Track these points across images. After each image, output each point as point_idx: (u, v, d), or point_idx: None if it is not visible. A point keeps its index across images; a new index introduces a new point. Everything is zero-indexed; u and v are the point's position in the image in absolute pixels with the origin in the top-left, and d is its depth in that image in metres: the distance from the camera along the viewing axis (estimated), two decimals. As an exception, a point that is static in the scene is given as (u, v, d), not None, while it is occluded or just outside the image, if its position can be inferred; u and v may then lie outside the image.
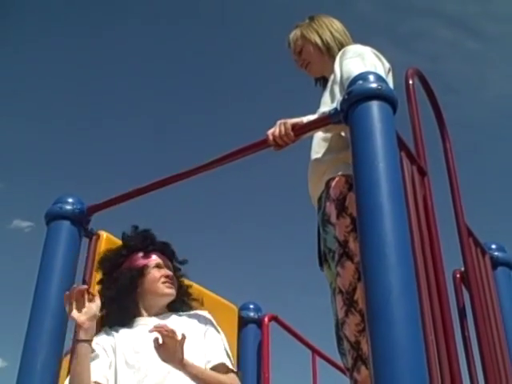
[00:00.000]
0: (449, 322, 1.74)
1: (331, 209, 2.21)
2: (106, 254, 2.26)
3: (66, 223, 2.22)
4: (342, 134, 2.21)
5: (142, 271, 2.21)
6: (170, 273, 2.25)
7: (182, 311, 2.27)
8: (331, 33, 2.52)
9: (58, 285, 2.12)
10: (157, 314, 2.20)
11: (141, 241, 2.28)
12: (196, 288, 2.53)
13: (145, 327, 2.08)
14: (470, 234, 2.33)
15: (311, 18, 2.58)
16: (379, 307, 1.45)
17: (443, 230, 1.93)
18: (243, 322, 2.87)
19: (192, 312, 2.27)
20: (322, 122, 1.97)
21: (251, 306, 2.93)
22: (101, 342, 2.09)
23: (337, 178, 2.22)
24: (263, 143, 2.07)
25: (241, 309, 2.91)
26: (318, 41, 2.52)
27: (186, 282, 2.39)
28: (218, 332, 2.21)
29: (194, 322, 2.20)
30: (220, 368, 2.07)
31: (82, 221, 2.25)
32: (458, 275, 2.39)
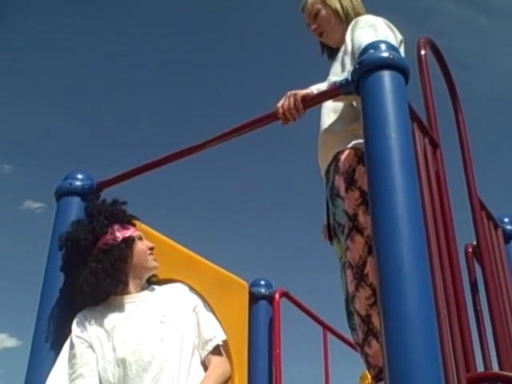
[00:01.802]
0: (461, 295, 1.72)
1: (340, 182, 2.19)
2: (80, 227, 2.09)
3: (76, 199, 2.21)
4: (354, 103, 2.18)
5: (130, 242, 2.11)
6: (152, 244, 2.18)
7: (153, 282, 2.20)
8: (351, 1, 2.46)
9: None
10: (141, 290, 2.13)
11: (119, 212, 2.18)
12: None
13: (133, 305, 2.06)
14: (483, 207, 2.31)
15: None
16: (391, 279, 1.43)
17: (455, 204, 1.91)
18: (254, 299, 2.86)
19: (170, 285, 2.21)
20: (333, 93, 1.93)
21: (262, 283, 2.91)
22: (85, 336, 1.99)
23: (346, 151, 2.20)
24: (272, 116, 2.04)
25: (251, 285, 2.90)
26: (339, 7, 2.44)
27: None
28: (204, 305, 2.20)
29: (180, 296, 2.15)
30: (214, 351, 2.06)
31: (92, 197, 2.23)
32: (470, 249, 2.38)
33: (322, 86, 2.14)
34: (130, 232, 2.14)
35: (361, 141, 2.14)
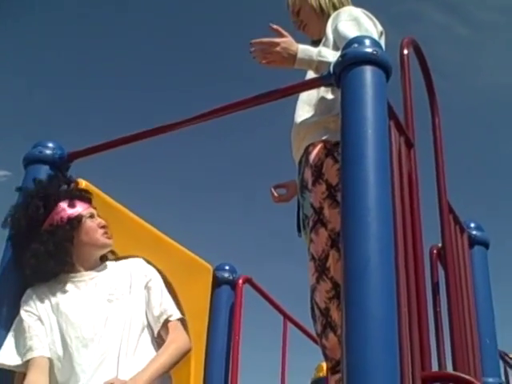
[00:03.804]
0: (423, 295, 1.74)
1: (308, 175, 2.21)
2: (25, 206, 2.04)
3: (45, 168, 2.17)
4: (327, 96, 2.20)
5: (77, 221, 2.03)
6: (105, 222, 2.10)
7: (109, 259, 2.16)
8: None
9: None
10: (92, 268, 2.07)
11: (64, 189, 2.11)
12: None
13: (83, 284, 2.02)
14: (451, 210, 2.33)
15: None
16: (356, 275, 1.44)
17: (424, 205, 1.92)
18: (217, 283, 2.86)
19: (125, 261, 2.16)
20: (314, 84, 1.94)
21: (226, 267, 2.92)
22: (33, 310, 1.97)
23: (316, 144, 2.22)
24: (245, 102, 2.02)
25: (216, 269, 2.90)
26: (314, 2, 2.51)
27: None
28: (158, 279, 2.13)
29: (132, 272, 2.10)
30: (168, 325, 2.01)
31: (61, 167, 2.19)
32: (434, 251, 2.40)
33: (310, 52, 2.19)
34: (78, 210, 2.06)
35: (331, 134, 2.17)
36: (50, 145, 2.22)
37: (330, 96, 2.21)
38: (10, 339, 1.94)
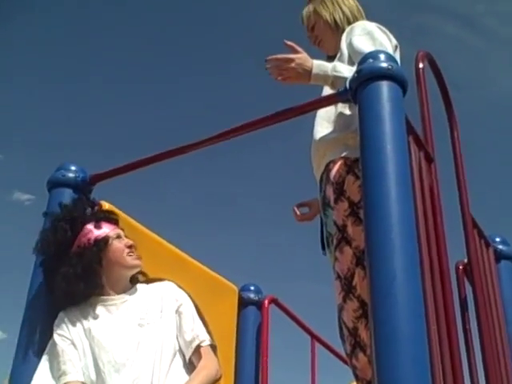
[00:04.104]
0: (451, 312, 1.71)
1: (330, 192, 2.19)
2: (53, 231, 2.04)
3: (68, 191, 2.19)
4: (346, 111, 2.19)
5: (104, 243, 2.04)
6: (132, 242, 2.10)
7: (140, 281, 2.15)
8: (341, 9, 2.50)
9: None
10: (123, 290, 2.07)
11: (89, 211, 2.12)
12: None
13: (114, 308, 2.02)
14: (475, 225, 2.29)
15: None
16: (382, 292, 1.43)
17: (447, 220, 1.89)
18: (243, 304, 2.85)
19: (156, 284, 2.15)
20: (331, 100, 1.93)
21: (252, 288, 2.90)
22: (66, 334, 1.97)
23: (336, 161, 2.20)
24: (269, 119, 2.02)
25: (241, 290, 2.89)
26: (328, 18, 2.49)
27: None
28: (189, 303, 2.12)
29: (163, 296, 2.09)
30: (200, 351, 2.00)
31: (84, 189, 2.21)
32: (460, 267, 2.36)
33: (325, 67, 2.17)
34: (105, 231, 2.07)
35: (350, 150, 2.15)
36: (73, 168, 2.24)
37: (348, 112, 2.20)
38: (44, 363, 1.95)
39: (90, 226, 2.07)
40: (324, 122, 2.31)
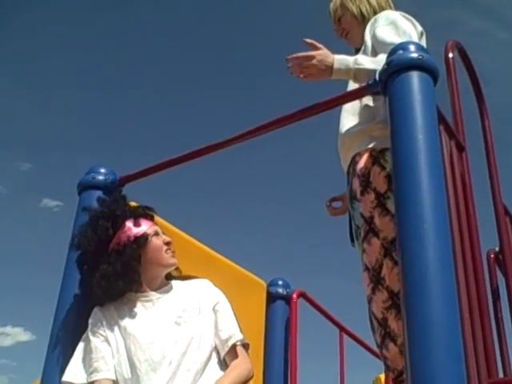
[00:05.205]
0: (484, 301, 1.71)
1: (356, 185, 2.19)
2: (86, 232, 2.04)
3: (98, 193, 2.20)
4: (370, 103, 2.18)
5: (144, 240, 2.04)
6: (169, 239, 2.11)
7: (174, 278, 2.16)
8: (368, 1, 2.49)
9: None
10: (159, 287, 2.08)
11: (128, 208, 2.11)
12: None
13: (150, 304, 2.03)
14: (507, 213, 2.28)
15: None
16: (416, 282, 1.42)
17: (479, 208, 1.89)
18: (271, 298, 2.86)
19: (192, 281, 2.16)
20: (361, 93, 1.93)
21: (280, 282, 2.91)
22: (100, 330, 1.98)
23: (362, 153, 2.20)
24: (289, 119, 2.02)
25: (269, 285, 2.89)
26: (356, 10, 2.48)
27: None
28: (225, 302, 2.13)
29: (200, 294, 2.10)
30: (235, 349, 2.01)
31: (113, 191, 2.22)
32: (492, 255, 2.35)
33: (347, 61, 2.17)
34: (143, 229, 2.07)
35: (376, 141, 2.15)
36: (102, 170, 2.26)
37: (372, 104, 2.20)
38: (76, 358, 1.96)
39: (129, 224, 2.07)
40: (349, 116, 2.31)
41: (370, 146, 2.18)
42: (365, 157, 2.19)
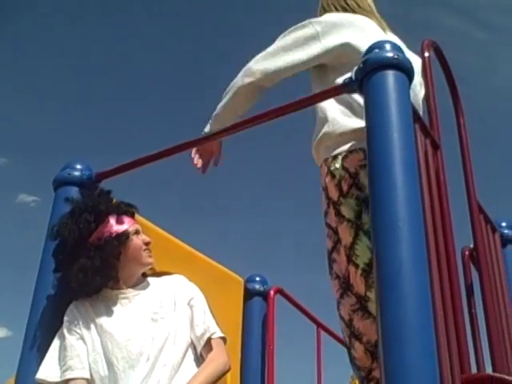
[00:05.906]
0: (458, 298, 1.72)
1: (323, 199, 2.23)
2: (67, 224, 2.01)
3: (74, 189, 2.17)
4: (320, 114, 2.25)
5: (125, 238, 2.04)
6: (149, 239, 2.12)
7: (149, 275, 2.17)
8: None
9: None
10: (135, 284, 2.09)
11: (114, 204, 2.10)
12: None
13: (126, 301, 2.03)
14: (481, 210, 2.30)
15: None
16: (389, 280, 1.43)
17: (454, 206, 1.90)
18: (249, 295, 2.87)
19: (167, 277, 2.18)
20: (336, 92, 1.93)
21: (257, 279, 2.92)
22: (75, 328, 1.97)
23: (322, 165, 2.25)
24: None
25: (246, 281, 2.90)
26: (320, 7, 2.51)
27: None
28: (200, 297, 2.14)
29: (175, 289, 2.11)
30: (210, 343, 2.02)
31: (90, 187, 2.20)
32: (466, 252, 2.37)
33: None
34: (125, 226, 2.07)
35: (328, 150, 2.20)
36: (78, 166, 2.23)
37: (321, 114, 2.25)
38: (51, 355, 1.94)
39: (111, 219, 2.06)
40: (315, 125, 2.34)
41: (324, 157, 2.22)
42: (323, 169, 2.23)
